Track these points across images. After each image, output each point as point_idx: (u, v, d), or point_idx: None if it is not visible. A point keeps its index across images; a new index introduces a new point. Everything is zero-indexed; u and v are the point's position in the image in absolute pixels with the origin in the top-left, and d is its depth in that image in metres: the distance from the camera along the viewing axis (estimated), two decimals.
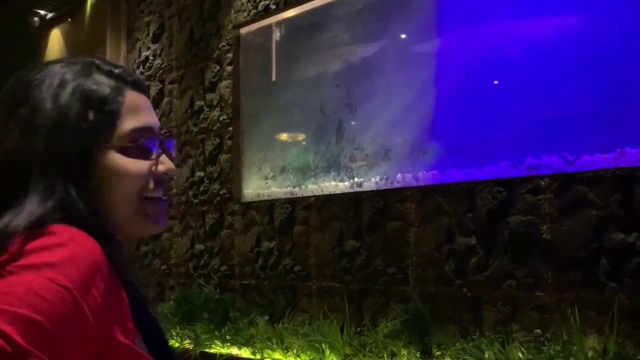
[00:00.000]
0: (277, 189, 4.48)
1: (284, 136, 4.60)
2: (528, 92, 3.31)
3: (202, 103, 5.09)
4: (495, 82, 3.53)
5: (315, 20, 4.42)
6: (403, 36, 4.02)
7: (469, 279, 3.20)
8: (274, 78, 4.70)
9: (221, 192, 4.80)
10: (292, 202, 4.20)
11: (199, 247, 4.91)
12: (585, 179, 2.84)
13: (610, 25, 3.01)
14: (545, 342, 2.66)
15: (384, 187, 3.80)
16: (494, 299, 3.09)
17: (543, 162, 3.14)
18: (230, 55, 4.92)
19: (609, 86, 2.97)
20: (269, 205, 4.35)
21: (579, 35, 3.13)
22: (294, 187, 4.37)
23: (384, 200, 3.65)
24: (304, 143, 4.44)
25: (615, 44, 2.96)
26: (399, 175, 3.77)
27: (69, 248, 0.74)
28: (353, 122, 4.11)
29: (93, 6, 6.24)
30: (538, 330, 2.75)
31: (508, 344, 2.88)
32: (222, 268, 4.68)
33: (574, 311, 2.73)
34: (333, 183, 4.12)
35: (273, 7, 4.59)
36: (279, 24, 4.70)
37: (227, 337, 3.86)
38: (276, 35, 4.73)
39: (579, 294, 2.79)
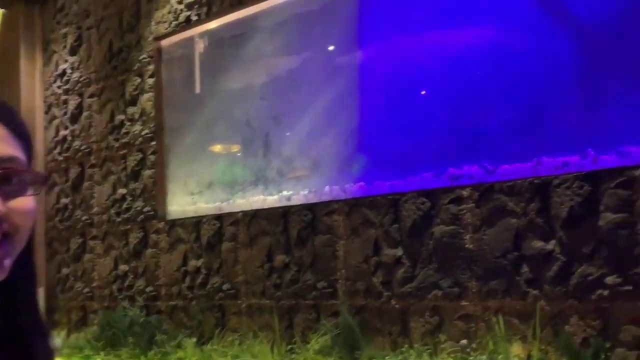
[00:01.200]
0: (204, 205, 4.38)
1: (209, 150, 4.49)
2: (449, 102, 3.37)
3: (123, 117, 4.93)
4: (419, 93, 3.59)
5: (239, 32, 4.37)
6: (328, 48, 4.02)
7: (396, 290, 3.22)
8: (198, 90, 4.60)
9: (145, 210, 4.64)
10: (220, 218, 4.11)
11: (122, 267, 4.73)
12: (504, 188, 2.91)
13: (527, 38, 3.12)
14: (472, 352, 2.70)
15: (313, 200, 3.77)
16: (421, 309, 3.12)
17: (464, 172, 3.20)
18: (151, 67, 4.78)
19: (527, 97, 3.06)
20: (195, 222, 4.24)
21: (498, 48, 3.22)
22: (221, 203, 4.27)
23: (312, 213, 3.63)
24: (230, 157, 4.37)
25: (532, 57, 3.05)
26: (327, 187, 3.76)
27: None
28: (280, 135, 4.07)
29: (4, 17, 5.92)
30: (464, 341, 2.78)
31: (436, 354, 2.90)
32: (148, 289, 4.52)
33: (498, 320, 2.78)
34: (261, 197, 4.06)
35: (195, 18, 4.50)
36: (202, 35, 4.62)
37: None
38: (199, 46, 4.64)
39: (502, 302, 2.85)
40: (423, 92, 3.56)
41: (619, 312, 2.53)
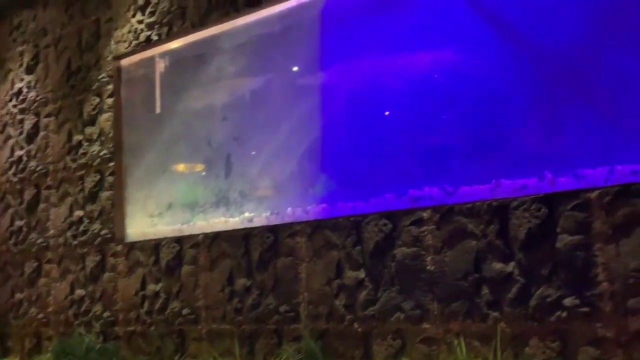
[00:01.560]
0: (164, 227, 4.29)
1: (170, 170, 4.41)
2: (411, 124, 3.39)
3: (81, 137, 4.82)
4: (381, 114, 3.57)
5: (200, 53, 4.34)
6: (290, 69, 4.01)
7: (359, 313, 3.19)
8: (158, 110, 4.55)
9: (102, 233, 4.52)
10: (180, 240, 4.03)
11: (79, 292, 4.59)
12: (464, 210, 2.92)
13: (487, 61, 3.15)
14: None
15: (275, 222, 3.73)
16: (384, 333, 3.09)
17: (425, 193, 3.21)
18: (110, 87, 4.70)
19: (487, 120, 3.08)
20: (154, 245, 4.14)
21: (458, 71, 3.26)
22: (181, 225, 4.20)
23: (274, 235, 3.59)
24: (191, 177, 4.29)
25: (492, 80, 3.08)
26: (289, 209, 3.73)
27: None
28: (242, 156, 4.03)
29: None
30: None
31: None
32: (105, 314, 4.38)
33: (459, 342, 2.77)
34: (223, 219, 4.00)
35: (155, 38, 4.46)
36: (162, 55, 4.58)
37: None
38: (160, 66, 4.59)
39: (463, 324, 2.84)
40: (386, 114, 3.55)
41: (577, 334, 2.56)
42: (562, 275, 2.62)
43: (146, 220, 4.42)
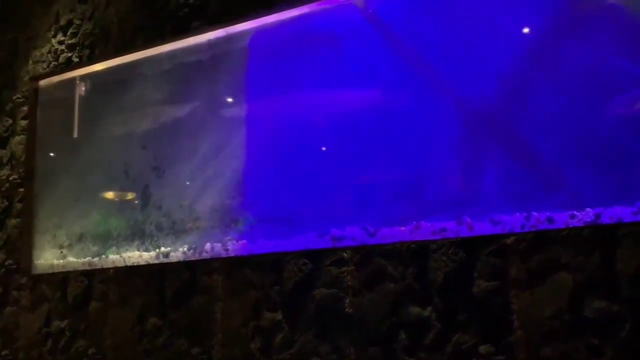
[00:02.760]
0: (75, 259, 4.04)
1: (83, 199, 4.18)
2: (335, 162, 3.34)
3: None
4: (305, 151, 3.51)
5: (122, 78, 4.19)
6: (215, 99, 3.91)
7: (274, 357, 3.03)
8: (75, 135, 4.34)
9: (7, 263, 4.19)
10: (89, 274, 3.77)
11: None
12: (384, 251, 2.85)
13: (410, 104, 3.15)
14: None
15: (192, 258, 3.56)
16: None
17: (347, 233, 3.14)
18: (25, 108, 4.43)
19: (409, 162, 3.08)
20: (61, 278, 3.86)
21: (382, 111, 3.24)
22: (93, 258, 3.97)
23: (190, 272, 3.40)
24: (105, 208, 4.08)
25: (415, 122, 3.08)
26: (208, 244, 3.58)
27: None
28: (160, 187, 3.87)
29: None
30: None
31: None
32: (4, 352, 4.02)
33: None
34: (137, 253, 3.81)
35: (76, 59, 4.25)
36: (83, 78, 4.38)
37: None
38: (80, 89, 4.40)
39: None
40: (309, 151, 3.49)
41: None
42: (478, 322, 2.58)
43: (55, 252, 4.15)
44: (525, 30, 2.90)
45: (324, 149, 3.45)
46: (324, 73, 3.40)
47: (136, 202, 3.93)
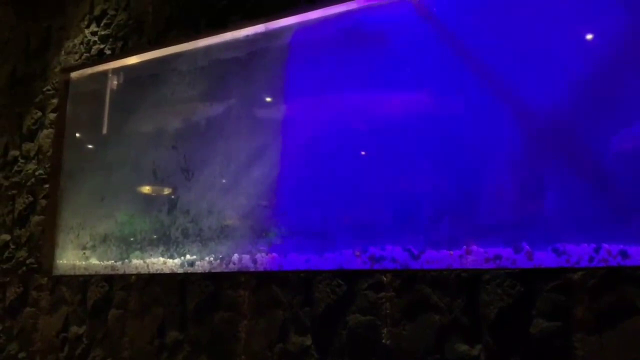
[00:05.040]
0: (97, 262, 3.89)
1: (109, 199, 4.01)
2: (378, 175, 3.10)
3: (17, 153, 4.36)
4: (346, 160, 3.27)
5: (155, 72, 4.02)
6: (251, 100, 3.70)
7: None
8: (104, 131, 4.19)
9: (28, 261, 4.03)
10: (110, 279, 3.58)
11: None
12: (429, 278, 2.56)
13: (465, 112, 2.89)
14: None
15: (218, 269, 3.36)
16: None
17: (387, 253, 2.88)
18: (55, 101, 4.28)
19: (461, 178, 2.82)
20: (82, 282, 3.68)
21: (433, 118, 2.99)
22: (115, 262, 3.79)
23: (214, 285, 3.17)
24: (131, 209, 3.89)
25: (469, 135, 2.82)
26: (235, 255, 3.37)
27: None
28: (189, 190, 3.68)
29: None
30: None
31: None
32: (20, 355, 3.86)
33: None
34: (161, 259, 3.62)
35: (108, 52, 4.08)
36: (115, 71, 4.23)
37: None
38: (112, 83, 4.24)
39: None
40: (349, 159, 3.24)
41: None
42: None
43: (77, 253, 3.99)
44: (600, 31, 2.57)
45: (363, 153, 3.24)
46: (369, 74, 3.17)
47: (163, 205, 3.74)
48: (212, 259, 3.43)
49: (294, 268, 3.08)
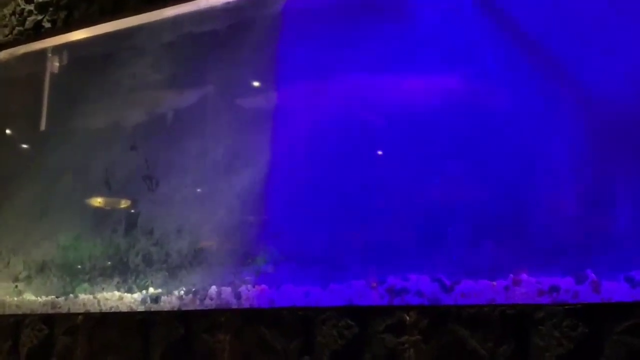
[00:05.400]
0: (33, 298, 3.98)
1: (49, 217, 4.14)
2: (394, 179, 3.19)
3: None
4: (354, 161, 3.36)
5: (109, 51, 4.18)
6: (233, 83, 3.83)
7: None
8: (43, 127, 4.36)
9: None
10: (50, 320, 3.66)
11: None
12: (465, 316, 2.61)
13: (512, 97, 2.99)
14: None
15: (190, 306, 3.42)
16: None
17: (411, 284, 2.92)
18: None
19: (506, 185, 2.90)
20: (13, 323, 3.76)
21: (469, 107, 3.08)
22: (57, 297, 3.88)
23: (186, 327, 3.24)
24: (77, 230, 4.02)
25: (517, 125, 2.91)
26: (213, 288, 3.43)
27: None
28: (152, 203, 3.80)
29: None
30: None
31: None
32: None
33: None
34: (117, 294, 3.72)
35: (47, 25, 4.21)
36: (57, 50, 4.39)
37: None
38: (52, 65, 4.41)
39: None
40: (359, 161, 3.34)
41: None
42: None
43: (8, 285, 4.10)
44: None
45: (379, 153, 3.37)
46: (385, 53, 3.26)
47: (119, 223, 3.87)
48: (182, 292, 3.50)
49: (290, 304, 3.14)
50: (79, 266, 3.88)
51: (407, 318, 2.70)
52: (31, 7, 4.26)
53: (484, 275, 2.76)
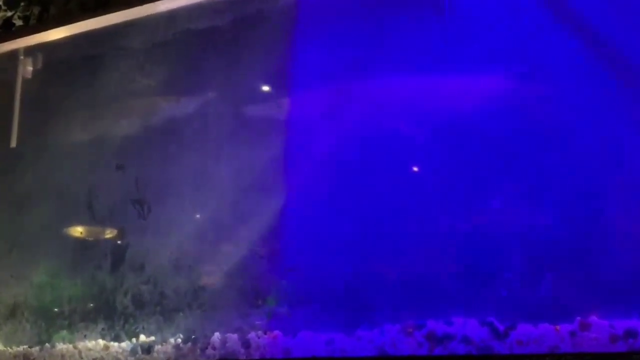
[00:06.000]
0: (2, 347, 4.02)
1: (21, 248, 4.19)
2: (436, 203, 3.20)
3: None
4: (383, 178, 3.39)
5: (92, 53, 4.23)
6: (236, 90, 3.88)
7: None
8: (13, 143, 4.41)
9: None
10: None
11: None
12: None
13: (573, 99, 3.02)
14: None
15: (189, 357, 3.46)
16: None
17: (455, 329, 2.94)
18: None
19: (568, 207, 2.91)
20: None
21: (522, 119, 3.10)
22: (30, 347, 3.92)
23: None
24: (55, 265, 4.06)
25: (576, 140, 2.92)
26: (216, 335, 3.47)
27: None
28: (143, 233, 3.84)
29: None
30: None
31: None
32: None
33: None
34: (101, 342, 3.75)
35: (18, 22, 4.30)
36: (30, 51, 4.44)
37: None
38: (24, 70, 4.46)
39: None
40: (391, 180, 3.35)
41: None
42: None
43: None
44: None
45: (415, 169, 3.39)
46: (423, 50, 3.30)
47: (104, 257, 3.89)
48: (179, 340, 3.53)
49: (309, 354, 3.16)
50: (57, 309, 3.91)
51: None
52: None
53: (544, 317, 2.78)
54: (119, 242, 3.81)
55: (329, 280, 3.30)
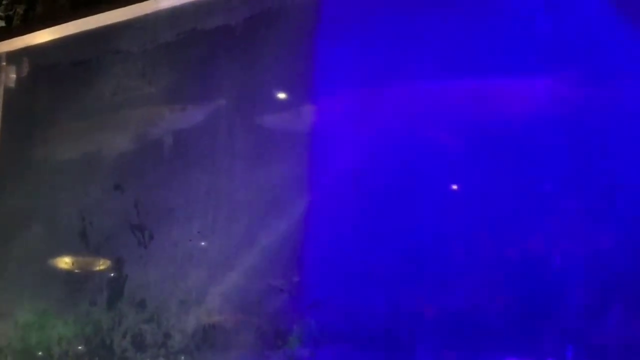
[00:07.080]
0: None
1: (5, 283, 4.29)
2: (481, 226, 3.20)
3: None
4: (420, 202, 3.40)
5: (84, 57, 4.31)
6: (250, 97, 3.91)
7: None
8: None
9: None
10: None
11: None
12: None
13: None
14: None
15: None
16: None
17: None
18: None
19: (636, 232, 2.89)
20: None
21: (581, 130, 3.09)
22: None
23: None
24: (44, 299, 4.13)
25: None
26: None
27: None
28: (144, 264, 3.88)
29: None
30: None
31: None
32: None
33: None
34: None
35: (0, 23, 4.44)
36: (13, 56, 4.54)
37: None
38: (7, 77, 4.56)
39: None
40: (430, 199, 3.37)
41: None
42: None
43: None
44: None
45: (454, 188, 3.40)
46: (462, 52, 3.32)
47: (99, 292, 3.93)
48: None
49: None
50: (44, 353, 3.94)
51: None
52: None
53: (613, 358, 2.79)
54: (116, 274, 3.84)
55: (361, 317, 3.32)
